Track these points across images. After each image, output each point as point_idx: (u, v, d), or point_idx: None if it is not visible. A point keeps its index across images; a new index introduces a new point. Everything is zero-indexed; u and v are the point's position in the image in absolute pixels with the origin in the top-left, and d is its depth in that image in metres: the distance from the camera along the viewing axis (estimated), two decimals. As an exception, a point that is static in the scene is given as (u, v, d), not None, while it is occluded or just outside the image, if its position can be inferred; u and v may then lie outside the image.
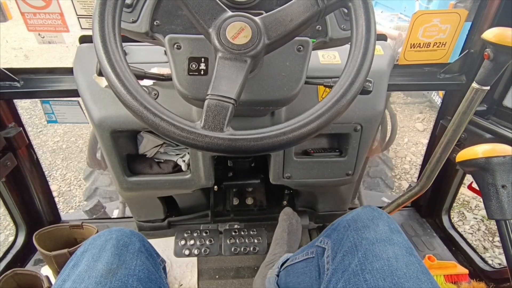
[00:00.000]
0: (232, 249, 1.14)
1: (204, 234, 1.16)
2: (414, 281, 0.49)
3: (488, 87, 0.79)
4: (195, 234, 1.15)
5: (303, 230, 1.34)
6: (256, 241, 1.19)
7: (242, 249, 1.15)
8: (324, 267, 0.63)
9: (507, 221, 0.77)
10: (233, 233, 1.18)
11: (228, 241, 1.15)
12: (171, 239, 1.22)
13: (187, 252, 1.15)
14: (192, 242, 1.14)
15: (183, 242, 1.14)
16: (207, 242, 1.17)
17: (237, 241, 1.15)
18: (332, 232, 0.67)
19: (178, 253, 1.11)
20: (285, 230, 1.09)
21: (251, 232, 1.20)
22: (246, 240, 1.19)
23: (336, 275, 0.57)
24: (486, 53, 0.74)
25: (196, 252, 1.16)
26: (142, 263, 0.58)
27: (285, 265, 0.83)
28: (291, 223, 1.11)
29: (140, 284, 0.54)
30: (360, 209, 0.66)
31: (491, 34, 0.71)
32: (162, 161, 0.98)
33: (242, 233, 1.17)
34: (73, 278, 0.51)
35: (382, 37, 1.01)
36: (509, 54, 0.71)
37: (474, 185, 0.87)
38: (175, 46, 0.62)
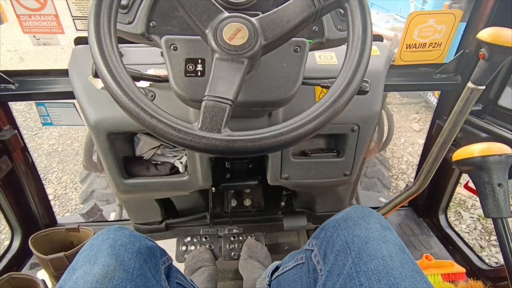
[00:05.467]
0: (232, 254, 1.14)
1: (204, 239, 1.15)
2: (410, 281, 0.48)
3: (484, 87, 0.79)
4: (195, 240, 1.15)
5: (301, 231, 1.34)
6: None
7: (241, 254, 1.15)
8: (315, 269, 0.61)
9: (504, 219, 0.77)
10: (232, 239, 1.17)
11: (227, 246, 1.15)
12: (169, 241, 1.21)
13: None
14: (192, 247, 1.14)
15: (184, 248, 1.14)
16: (207, 247, 1.17)
17: (236, 246, 1.15)
18: (320, 232, 0.65)
19: (179, 259, 1.11)
20: (247, 257, 1.08)
21: (250, 237, 1.19)
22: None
23: (331, 278, 0.55)
24: (481, 53, 0.74)
25: None
26: (140, 266, 0.55)
27: (276, 274, 0.80)
28: (253, 251, 1.09)
29: None
30: (349, 208, 0.64)
31: (486, 34, 0.71)
32: (159, 163, 0.97)
33: (241, 238, 1.17)
34: (70, 285, 0.49)
35: (378, 38, 1.02)
36: (504, 53, 0.71)
37: (470, 184, 0.87)
38: (172, 47, 0.62)
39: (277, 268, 0.83)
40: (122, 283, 0.50)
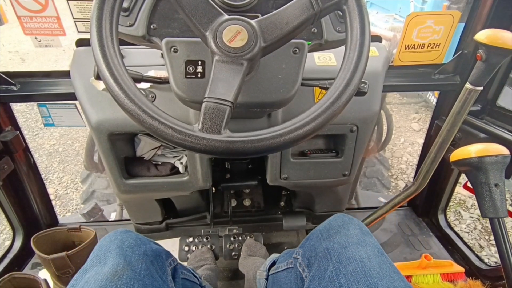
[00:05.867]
0: (232, 254, 1.15)
1: (205, 240, 1.17)
2: (387, 280, 0.50)
3: (481, 88, 0.80)
4: (197, 240, 1.17)
5: (300, 231, 1.35)
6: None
7: (240, 253, 1.16)
8: (302, 276, 0.65)
9: (500, 219, 0.78)
10: (232, 239, 1.18)
11: (228, 246, 1.16)
12: (172, 241, 1.22)
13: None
14: (194, 248, 1.15)
15: (186, 248, 1.16)
16: (208, 247, 1.18)
17: (236, 246, 1.17)
18: (305, 241, 0.69)
19: (182, 259, 1.13)
20: (247, 256, 1.10)
21: (249, 238, 1.20)
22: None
23: (314, 283, 0.58)
24: (478, 54, 0.75)
25: None
26: (146, 267, 0.57)
27: (271, 271, 0.84)
28: (252, 250, 1.12)
29: None
30: (332, 217, 0.67)
31: (483, 35, 0.72)
32: (160, 163, 0.98)
33: (240, 238, 1.18)
34: (82, 284, 0.51)
35: (377, 39, 1.03)
36: (501, 55, 0.72)
37: (469, 184, 0.88)
38: (172, 49, 0.62)
39: (274, 263, 0.85)
40: (131, 282, 0.52)
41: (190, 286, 0.74)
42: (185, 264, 1.09)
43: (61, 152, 2.92)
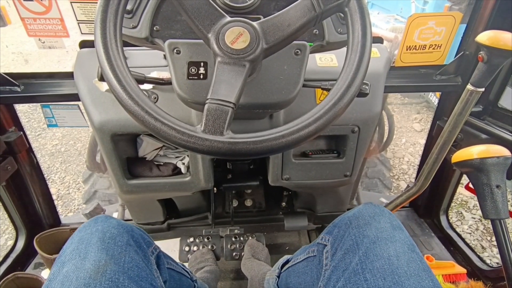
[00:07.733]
0: (233, 254, 1.15)
1: (206, 240, 1.17)
2: (415, 279, 0.48)
3: (483, 89, 0.80)
4: (197, 240, 1.17)
5: (301, 231, 1.35)
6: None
7: (242, 254, 1.16)
8: (322, 262, 0.63)
9: (502, 220, 0.78)
10: (234, 239, 1.19)
11: (229, 247, 1.16)
12: (172, 241, 1.22)
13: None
14: (195, 248, 1.15)
15: (187, 248, 1.16)
16: (209, 248, 1.18)
17: (238, 246, 1.17)
18: (333, 228, 0.67)
19: (182, 259, 1.13)
20: (251, 256, 1.10)
21: (251, 238, 1.21)
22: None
23: (337, 273, 0.57)
24: (480, 55, 0.75)
25: None
26: (131, 259, 0.55)
27: (286, 266, 0.82)
28: (255, 251, 1.12)
29: (132, 283, 0.51)
30: (362, 206, 0.65)
31: (485, 37, 0.72)
32: (162, 163, 0.98)
33: (242, 238, 1.19)
34: (60, 279, 0.49)
35: (378, 40, 1.03)
36: (503, 56, 0.72)
37: (471, 185, 0.88)
38: (175, 50, 0.63)
39: (287, 262, 0.84)
40: (115, 275, 0.50)
41: (178, 278, 0.72)
42: (185, 264, 1.10)
43: (63, 152, 2.93)
